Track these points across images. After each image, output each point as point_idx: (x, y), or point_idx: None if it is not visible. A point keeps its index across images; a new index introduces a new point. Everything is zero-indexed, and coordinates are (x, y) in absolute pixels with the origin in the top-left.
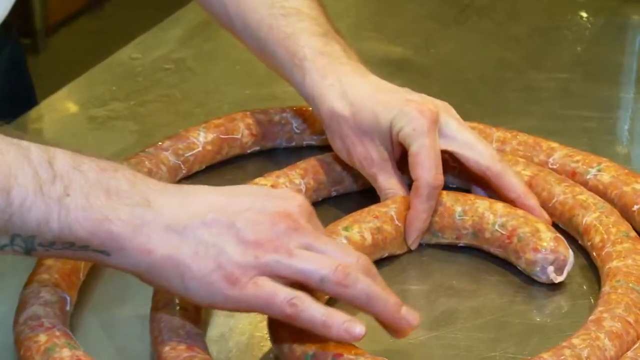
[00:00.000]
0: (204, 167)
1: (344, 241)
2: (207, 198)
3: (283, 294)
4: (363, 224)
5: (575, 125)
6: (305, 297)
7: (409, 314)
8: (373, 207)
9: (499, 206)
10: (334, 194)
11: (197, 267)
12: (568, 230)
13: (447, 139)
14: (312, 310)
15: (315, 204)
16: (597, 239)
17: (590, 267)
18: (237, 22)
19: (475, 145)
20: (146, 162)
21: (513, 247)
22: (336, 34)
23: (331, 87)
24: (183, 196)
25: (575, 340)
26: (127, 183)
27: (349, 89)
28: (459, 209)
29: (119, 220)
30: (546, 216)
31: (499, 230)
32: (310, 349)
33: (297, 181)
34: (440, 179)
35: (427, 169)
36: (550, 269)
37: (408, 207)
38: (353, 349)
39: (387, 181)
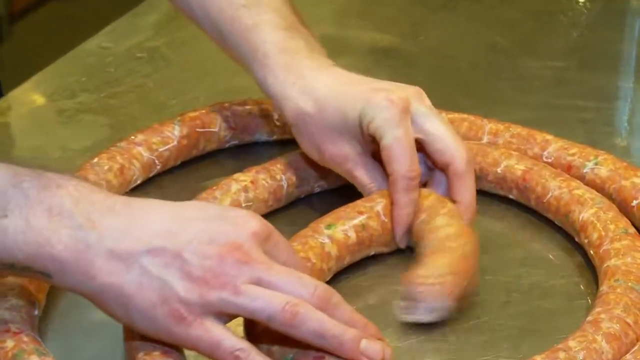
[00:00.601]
0: (179, 162)
1: (327, 241)
2: (154, 221)
3: (227, 344)
4: (347, 221)
5: (571, 116)
6: (250, 349)
7: (370, 349)
8: (358, 202)
9: (449, 229)
10: (317, 189)
11: (140, 299)
12: (564, 227)
13: (415, 126)
14: None
15: (298, 201)
16: (594, 236)
17: (588, 265)
18: (198, 12)
19: (444, 137)
20: (118, 158)
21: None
22: (300, 25)
23: (294, 85)
24: (129, 218)
25: (571, 343)
26: (70, 201)
27: (313, 84)
28: (422, 216)
29: (60, 243)
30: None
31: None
32: (290, 351)
33: (278, 177)
34: (416, 169)
35: (402, 162)
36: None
37: None
38: None
39: (367, 175)
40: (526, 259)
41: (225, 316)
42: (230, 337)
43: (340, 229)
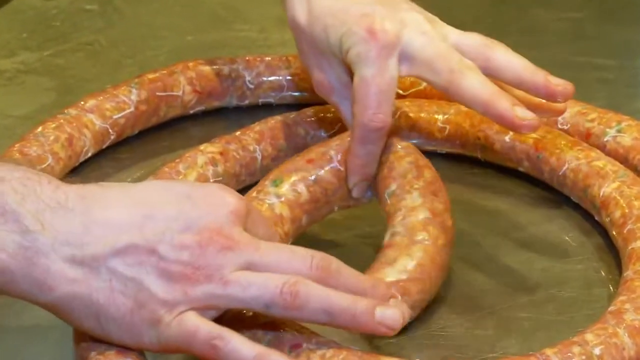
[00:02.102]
0: (136, 131)
1: (274, 201)
2: (115, 214)
3: (202, 334)
4: (295, 175)
5: (589, 76)
6: (230, 335)
7: (387, 317)
8: (312, 147)
9: (425, 213)
10: None
11: (114, 308)
12: (582, 204)
13: (408, 62)
14: (239, 351)
15: None
16: (617, 214)
17: (609, 248)
18: None
19: (432, 62)
20: (66, 127)
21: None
22: None
23: None
24: (85, 214)
25: (588, 336)
26: (14, 199)
27: None
28: (392, 187)
29: (4, 251)
30: (529, 118)
31: (385, 237)
32: (263, 337)
33: (251, 147)
34: (380, 119)
35: (364, 106)
36: None
37: None
38: (314, 337)
39: (348, 111)
40: (538, 242)
41: (213, 311)
42: (205, 325)
43: (288, 184)
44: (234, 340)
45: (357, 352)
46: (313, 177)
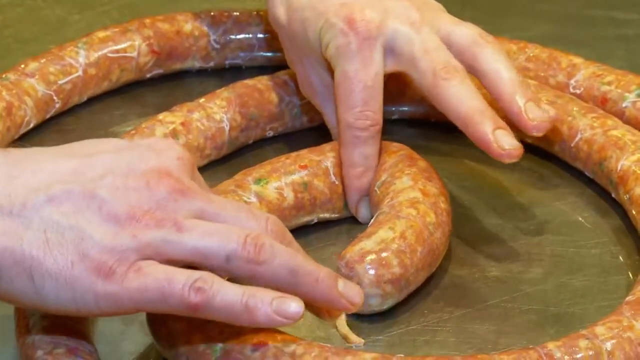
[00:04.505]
0: (85, 98)
1: (253, 200)
2: (47, 163)
3: (182, 278)
4: (284, 177)
5: (606, 32)
6: (211, 276)
7: (349, 289)
8: (304, 152)
9: (413, 192)
10: (270, 133)
11: (51, 260)
12: (597, 180)
13: (394, 56)
14: (227, 292)
15: (245, 150)
16: (637, 191)
17: (629, 229)
18: None
19: (416, 60)
20: (4, 93)
21: None
22: None
23: None
24: (12, 164)
25: (599, 329)
26: None
27: None
28: (383, 177)
29: None
30: (508, 148)
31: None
32: (218, 340)
33: (217, 116)
34: (368, 117)
35: (348, 105)
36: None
37: None
38: (278, 334)
39: (332, 114)
40: (548, 223)
41: (165, 263)
42: (181, 270)
43: (274, 186)
44: (218, 280)
45: (331, 347)
46: (304, 183)
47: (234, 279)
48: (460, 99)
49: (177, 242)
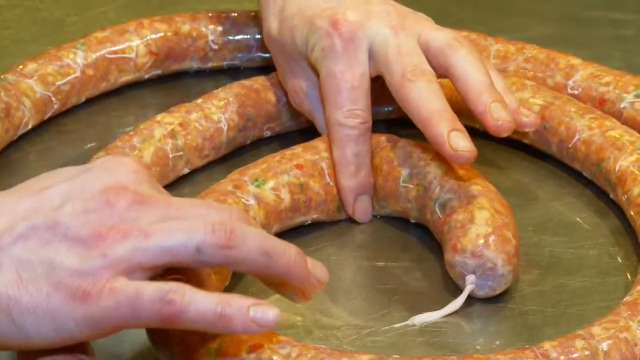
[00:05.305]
0: (83, 99)
1: (252, 202)
2: (5, 202)
3: (150, 291)
4: (280, 176)
5: (604, 33)
6: (182, 286)
7: (316, 267)
8: (298, 149)
9: (458, 173)
10: (267, 133)
11: (27, 297)
12: (595, 180)
13: (372, 57)
14: (200, 302)
15: (243, 150)
16: (635, 191)
17: (627, 230)
18: None
19: (389, 61)
20: (2, 95)
21: (444, 239)
22: None
23: (275, 3)
24: None
25: (595, 329)
26: None
27: (287, 2)
28: (406, 171)
29: None
30: (462, 148)
31: (437, 211)
32: (214, 342)
33: (215, 117)
34: (358, 115)
35: (335, 104)
36: (471, 278)
37: None
38: (274, 335)
39: (322, 122)
40: (545, 224)
41: (140, 273)
42: (148, 284)
43: (271, 187)
44: (190, 291)
45: (326, 349)
46: (301, 184)
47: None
48: (422, 101)
49: (146, 247)
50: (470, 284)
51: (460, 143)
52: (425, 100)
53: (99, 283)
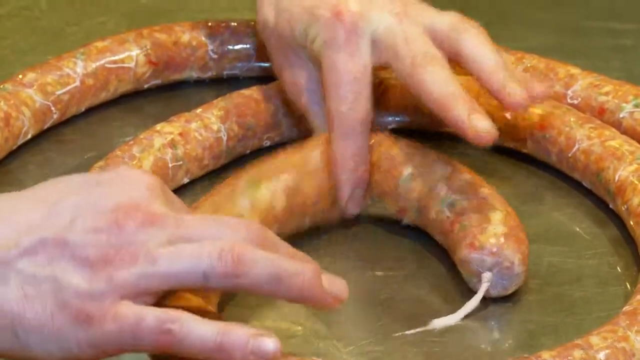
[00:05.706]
0: (83, 109)
1: (246, 206)
2: (15, 215)
3: (149, 319)
4: (274, 179)
5: (603, 43)
6: (182, 315)
7: (334, 285)
8: (290, 150)
9: (464, 175)
10: (267, 143)
11: (31, 314)
12: (595, 190)
13: (377, 46)
14: (198, 331)
15: (243, 159)
16: (635, 201)
17: (627, 240)
18: None
19: (397, 49)
20: (2, 104)
21: (453, 238)
22: None
23: None
24: None
25: (593, 339)
26: None
27: None
28: (407, 170)
29: None
30: (484, 129)
31: (445, 211)
32: None
33: (215, 127)
34: (360, 108)
35: (338, 96)
36: (487, 275)
37: None
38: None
39: (322, 114)
40: (545, 233)
41: (146, 297)
42: (149, 310)
43: (267, 190)
44: (189, 320)
45: None
46: (295, 185)
47: None
48: (437, 85)
49: (154, 274)
50: (486, 282)
51: (482, 124)
52: (440, 85)
53: (103, 307)
